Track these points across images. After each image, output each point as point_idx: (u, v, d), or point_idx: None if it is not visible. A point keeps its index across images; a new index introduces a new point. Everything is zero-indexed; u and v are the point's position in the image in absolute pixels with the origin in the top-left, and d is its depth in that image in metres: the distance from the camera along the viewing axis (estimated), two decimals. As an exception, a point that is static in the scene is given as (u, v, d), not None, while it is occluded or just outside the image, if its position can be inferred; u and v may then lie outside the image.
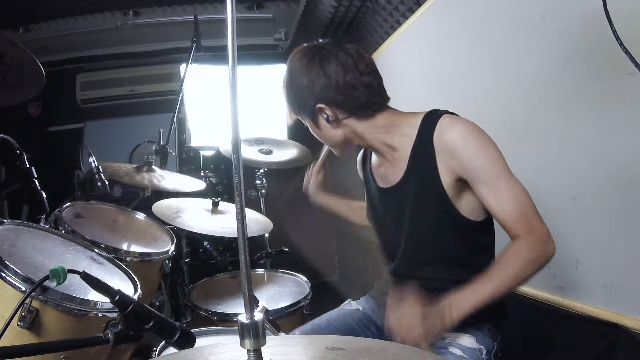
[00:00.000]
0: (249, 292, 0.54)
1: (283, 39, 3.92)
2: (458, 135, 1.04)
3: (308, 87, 1.13)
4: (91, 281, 0.82)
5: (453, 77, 2.07)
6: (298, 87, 1.15)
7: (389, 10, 2.71)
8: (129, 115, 3.82)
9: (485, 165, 1.03)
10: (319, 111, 1.16)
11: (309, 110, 1.17)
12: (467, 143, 1.03)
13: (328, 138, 1.23)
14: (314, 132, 1.24)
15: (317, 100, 1.14)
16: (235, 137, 0.53)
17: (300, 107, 1.19)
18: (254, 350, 0.55)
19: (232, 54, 0.52)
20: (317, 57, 1.12)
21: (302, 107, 1.18)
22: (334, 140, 1.23)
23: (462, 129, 1.05)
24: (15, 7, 3.11)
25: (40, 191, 1.29)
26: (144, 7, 3.41)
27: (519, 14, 1.62)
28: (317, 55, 1.12)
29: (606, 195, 1.32)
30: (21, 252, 1.10)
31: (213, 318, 1.71)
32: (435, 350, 1.10)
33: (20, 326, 0.92)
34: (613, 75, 1.24)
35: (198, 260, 2.73)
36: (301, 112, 1.20)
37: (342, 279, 3.91)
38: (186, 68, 2.51)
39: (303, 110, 1.19)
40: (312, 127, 1.23)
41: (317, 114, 1.17)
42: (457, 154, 1.04)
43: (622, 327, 1.26)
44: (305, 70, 1.13)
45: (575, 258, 1.45)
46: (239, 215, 0.53)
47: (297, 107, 1.20)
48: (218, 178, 3.30)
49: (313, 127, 1.23)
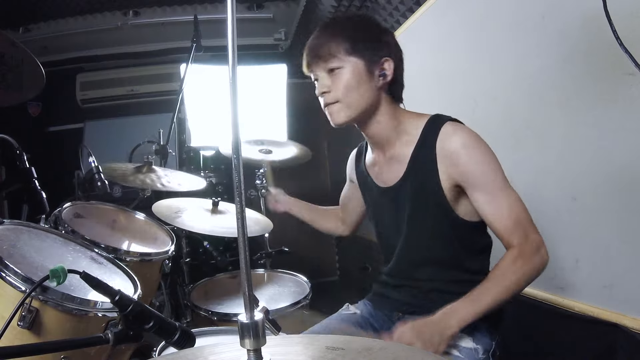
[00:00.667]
0: (249, 292, 0.54)
1: (283, 39, 3.93)
2: (460, 143, 1.07)
3: (386, 41, 1.16)
4: (91, 281, 0.82)
5: (453, 77, 2.07)
6: (376, 34, 1.15)
7: (389, 10, 2.71)
8: (129, 115, 3.82)
9: (484, 175, 1.06)
10: (382, 63, 1.14)
11: (372, 56, 1.13)
12: (468, 152, 1.06)
13: (361, 94, 1.14)
14: (352, 81, 1.12)
15: (388, 54, 1.15)
16: (236, 137, 0.53)
17: (367, 48, 1.13)
18: (254, 350, 0.55)
19: (232, 54, 0.52)
20: None
21: (369, 49, 1.13)
22: (362, 99, 1.14)
23: (464, 138, 1.07)
24: (15, 7, 3.12)
25: (40, 191, 1.29)
26: (144, 7, 3.41)
27: (519, 14, 1.62)
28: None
29: (606, 195, 1.32)
30: (21, 252, 1.10)
31: (213, 318, 1.71)
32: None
33: (20, 326, 0.92)
34: (613, 75, 1.24)
35: (198, 260, 2.73)
36: (362, 52, 1.12)
37: (342, 279, 3.92)
38: (186, 68, 2.51)
39: (367, 52, 1.12)
40: (357, 75, 1.13)
41: (376, 65, 1.14)
42: (458, 161, 1.07)
43: (622, 327, 1.26)
44: (383, 29, 1.19)
45: (575, 258, 1.45)
46: (239, 215, 0.53)
47: (361, 46, 1.12)
48: (218, 178, 3.30)
49: (359, 75, 1.13)
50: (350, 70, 1.12)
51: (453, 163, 1.07)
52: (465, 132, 1.09)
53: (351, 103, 1.14)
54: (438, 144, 1.09)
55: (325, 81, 1.15)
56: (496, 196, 1.05)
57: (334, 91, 1.14)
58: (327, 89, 1.14)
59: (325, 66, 1.14)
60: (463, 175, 1.07)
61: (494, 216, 1.05)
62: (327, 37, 1.14)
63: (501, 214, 1.04)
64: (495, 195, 1.05)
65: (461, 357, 1.05)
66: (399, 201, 1.18)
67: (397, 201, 1.19)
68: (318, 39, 1.15)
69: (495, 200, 1.05)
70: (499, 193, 1.05)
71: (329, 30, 1.15)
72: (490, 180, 1.05)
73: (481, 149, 1.07)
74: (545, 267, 1.04)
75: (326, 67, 1.14)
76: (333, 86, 1.14)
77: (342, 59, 1.12)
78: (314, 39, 1.17)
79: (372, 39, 1.14)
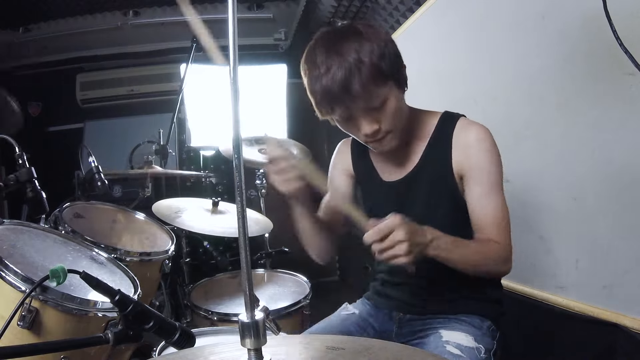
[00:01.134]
0: (249, 291, 0.54)
1: (283, 39, 3.93)
2: (475, 135, 1.11)
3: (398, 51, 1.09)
4: (91, 281, 0.82)
5: (453, 77, 2.07)
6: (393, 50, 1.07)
7: (389, 10, 2.71)
8: (129, 115, 3.82)
9: (488, 171, 1.10)
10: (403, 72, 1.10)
11: (402, 74, 1.09)
12: (481, 145, 1.10)
13: (405, 113, 1.12)
14: (397, 108, 1.06)
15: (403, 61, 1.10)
16: (236, 137, 0.53)
17: (398, 71, 1.07)
18: (255, 350, 0.55)
19: (233, 54, 0.52)
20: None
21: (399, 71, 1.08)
22: (405, 116, 1.12)
23: (480, 131, 1.11)
24: (15, 7, 3.11)
25: (40, 191, 1.29)
26: (144, 7, 3.41)
27: (519, 14, 1.62)
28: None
29: (606, 195, 1.32)
30: (21, 252, 1.10)
31: (213, 318, 1.71)
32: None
33: (20, 326, 0.92)
34: (613, 75, 1.24)
35: (198, 260, 2.73)
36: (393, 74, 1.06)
37: (341, 279, 3.92)
38: (186, 68, 2.52)
39: (397, 74, 1.07)
40: (397, 99, 1.07)
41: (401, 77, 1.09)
42: (470, 152, 1.10)
43: (622, 327, 1.26)
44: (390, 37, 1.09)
45: (575, 258, 1.45)
46: (239, 214, 0.53)
47: (395, 73, 1.06)
48: (218, 178, 3.30)
49: (398, 97, 1.07)
50: (393, 99, 1.05)
51: (465, 154, 1.11)
52: (481, 127, 1.13)
53: (400, 126, 1.10)
54: (454, 136, 1.13)
55: (372, 121, 1.06)
56: (490, 193, 1.09)
57: (384, 125, 1.06)
58: (377, 126, 1.06)
59: (369, 107, 1.04)
60: (470, 165, 1.11)
61: (482, 209, 1.10)
62: (366, 79, 1.00)
63: (489, 210, 1.09)
64: (490, 192, 1.09)
65: (463, 357, 1.05)
66: (408, 194, 1.18)
67: (406, 194, 1.18)
68: (354, 82, 0.99)
69: (488, 197, 1.09)
70: (493, 191, 1.09)
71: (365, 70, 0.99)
72: (490, 177, 1.10)
73: (492, 146, 1.11)
74: (502, 274, 1.14)
75: (370, 108, 1.04)
76: (382, 122, 1.06)
77: (382, 92, 1.03)
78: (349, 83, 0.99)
79: (395, 57, 1.06)
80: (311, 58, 1.04)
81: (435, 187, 1.15)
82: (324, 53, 1.01)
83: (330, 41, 1.03)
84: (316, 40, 1.07)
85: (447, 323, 1.15)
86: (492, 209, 1.09)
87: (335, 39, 1.03)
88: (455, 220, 1.14)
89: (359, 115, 1.05)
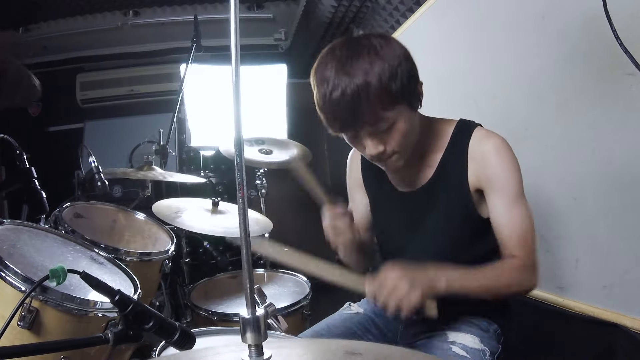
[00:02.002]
0: (250, 287, 0.54)
1: (283, 39, 3.93)
2: (493, 147, 1.08)
3: (413, 69, 1.04)
4: (91, 281, 0.82)
5: (453, 77, 2.07)
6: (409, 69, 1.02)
7: (389, 10, 2.71)
8: (129, 115, 3.82)
9: (510, 184, 1.07)
10: (418, 90, 1.06)
11: (415, 94, 1.05)
12: (500, 158, 1.07)
13: (414, 133, 1.09)
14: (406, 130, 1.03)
15: (419, 79, 1.06)
16: (238, 137, 0.53)
17: (411, 92, 1.03)
18: (255, 346, 0.55)
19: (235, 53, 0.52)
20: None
21: (412, 91, 1.04)
22: (415, 135, 1.09)
23: (498, 144, 1.08)
24: (15, 7, 3.11)
25: (40, 191, 1.29)
26: (144, 7, 3.41)
27: (519, 14, 1.62)
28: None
29: (606, 195, 1.32)
30: (21, 252, 1.10)
31: (213, 318, 1.71)
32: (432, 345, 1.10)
33: (20, 326, 0.92)
34: (613, 75, 1.24)
35: (198, 260, 2.73)
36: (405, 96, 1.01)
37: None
38: (186, 68, 2.52)
39: (411, 95, 1.03)
40: (408, 120, 1.04)
41: (415, 96, 1.05)
42: (489, 164, 1.07)
43: (622, 327, 1.26)
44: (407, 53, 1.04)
45: (575, 258, 1.45)
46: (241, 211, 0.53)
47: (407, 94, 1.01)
48: (218, 178, 3.30)
49: (409, 118, 1.04)
50: (402, 121, 1.02)
51: (483, 165, 1.08)
52: (498, 138, 1.10)
53: (408, 146, 1.08)
54: (470, 147, 1.10)
55: (378, 143, 1.04)
56: (513, 206, 1.06)
57: (389, 147, 1.04)
58: (382, 148, 1.04)
59: (374, 130, 1.02)
60: (490, 178, 1.08)
61: (506, 224, 1.07)
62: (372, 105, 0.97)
63: (513, 224, 1.06)
64: (513, 205, 1.06)
65: (468, 358, 1.05)
66: (424, 206, 1.16)
67: (422, 206, 1.17)
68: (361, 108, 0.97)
69: (511, 210, 1.06)
70: (516, 204, 1.06)
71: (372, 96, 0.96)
72: (512, 189, 1.07)
73: (510, 157, 1.08)
74: (531, 290, 1.07)
75: (375, 130, 1.02)
76: (387, 143, 1.04)
77: (390, 115, 1.00)
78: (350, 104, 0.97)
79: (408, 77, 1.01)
80: (322, 71, 1.01)
81: (451, 199, 1.13)
82: (334, 69, 0.98)
83: (342, 56, 0.99)
84: (329, 51, 1.03)
85: (454, 324, 1.15)
86: (515, 223, 1.06)
87: (348, 55, 0.99)
88: (472, 232, 1.13)
89: (365, 136, 1.04)
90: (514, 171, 1.08)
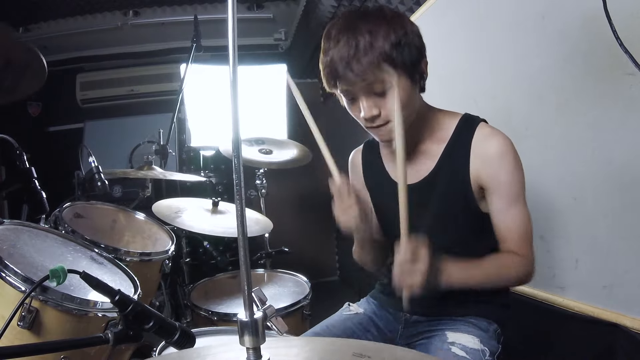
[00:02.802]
0: (248, 290, 0.54)
1: (283, 39, 3.93)
2: (496, 148, 1.08)
3: (420, 45, 1.06)
4: (91, 281, 0.82)
5: (453, 77, 2.07)
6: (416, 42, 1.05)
7: (389, 10, 2.70)
8: (129, 115, 3.83)
9: (511, 184, 1.08)
10: (422, 67, 1.08)
11: (417, 69, 1.07)
12: (503, 158, 1.08)
13: (411, 107, 1.09)
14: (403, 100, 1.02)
15: (424, 54, 1.08)
16: (236, 137, 0.53)
17: (411, 61, 1.04)
18: (253, 349, 0.55)
19: (232, 53, 0.52)
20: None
21: (414, 65, 1.05)
22: (413, 111, 1.10)
23: (501, 143, 1.09)
24: (15, 7, 3.12)
25: (40, 191, 1.29)
26: (144, 7, 3.42)
27: (519, 14, 1.62)
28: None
29: (606, 195, 1.32)
30: (21, 252, 1.10)
31: (213, 318, 1.71)
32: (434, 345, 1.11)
33: (20, 326, 0.92)
34: (613, 75, 1.24)
35: (198, 260, 2.73)
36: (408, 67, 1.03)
37: (341, 279, 3.92)
38: (186, 68, 2.52)
39: (411, 65, 1.04)
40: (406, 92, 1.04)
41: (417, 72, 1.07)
42: (491, 164, 1.08)
43: (622, 327, 1.26)
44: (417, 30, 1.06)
45: (575, 258, 1.45)
46: (238, 212, 0.53)
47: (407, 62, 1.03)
48: (218, 178, 3.31)
49: (407, 91, 1.05)
50: (400, 89, 1.02)
51: (485, 165, 1.09)
52: (503, 137, 1.10)
53: (407, 120, 1.06)
54: (474, 144, 1.10)
55: (372, 105, 1.05)
56: (513, 206, 1.08)
57: (384, 112, 1.05)
58: (377, 112, 1.05)
59: (371, 90, 1.03)
60: (491, 177, 1.09)
61: (506, 224, 1.09)
62: (370, 61, 0.99)
63: (513, 224, 1.08)
64: (513, 205, 1.08)
65: (468, 358, 1.04)
66: (424, 198, 1.16)
67: (422, 198, 1.16)
68: (358, 61, 0.99)
69: (511, 210, 1.08)
70: (517, 204, 1.08)
71: (371, 53, 0.99)
72: (513, 190, 1.08)
73: (515, 158, 1.09)
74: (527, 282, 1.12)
75: (372, 91, 1.04)
76: (382, 108, 1.05)
77: (387, 79, 1.01)
78: (352, 61, 0.99)
79: (413, 50, 1.04)
80: (329, 30, 1.05)
81: (451, 193, 1.13)
82: (340, 27, 1.02)
83: (350, 17, 1.04)
84: (341, 15, 1.07)
85: (453, 325, 1.15)
86: (515, 222, 1.08)
87: (356, 16, 1.03)
88: (471, 226, 1.14)
89: (361, 97, 1.05)
90: (517, 172, 1.09)
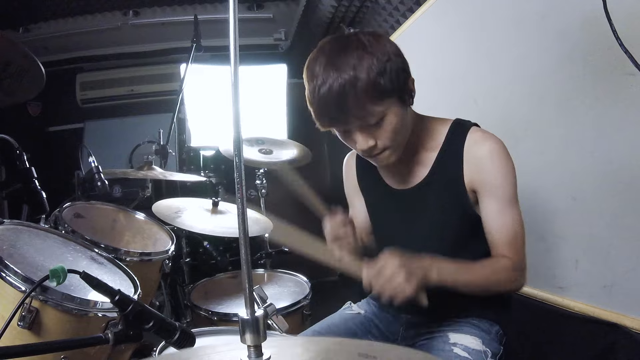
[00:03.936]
0: (249, 287, 0.54)
1: (283, 39, 3.93)
2: (488, 151, 1.08)
3: (404, 65, 1.04)
4: (91, 281, 0.82)
5: (453, 77, 2.07)
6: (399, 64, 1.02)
7: (389, 10, 2.71)
8: (129, 115, 3.82)
9: (503, 187, 1.08)
10: (409, 86, 1.06)
11: (406, 89, 1.05)
12: (494, 161, 1.07)
13: (406, 128, 1.09)
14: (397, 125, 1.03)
15: (409, 72, 1.06)
16: (237, 137, 0.53)
17: (400, 87, 1.02)
18: (254, 347, 0.55)
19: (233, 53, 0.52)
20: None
21: (402, 87, 1.03)
22: (407, 131, 1.09)
23: (492, 147, 1.08)
24: (15, 7, 3.11)
25: (40, 191, 1.29)
26: (144, 7, 3.41)
27: (519, 14, 1.62)
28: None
29: (606, 195, 1.32)
30: (21, 252, 1.10)
31: (213, 318, 1.71)
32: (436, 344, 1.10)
33: (20, 326, 0.92)
34: (613, 75, 1.24)
35: (198, 260, 2.73)
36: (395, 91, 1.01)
37: (342, 279, 3.91)
38: (186, 68, 2.52)
39: (401, 91, 1.03)
40: (399, 115, 1.03)
41: (406, 92, 1.05)
42: (483, 169, 1.08)
43: (622, 327, 1.26)
44: (396, 49, 1.04)
45: (575, 258, 1.45)
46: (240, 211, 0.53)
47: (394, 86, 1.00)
48: (218, 178, 3.30)
49: (400, 113, 1.04)
50: (392, 115, 1.02)
51: (477, 170, 1.09)
52: (494, 140, 1.09)
53: (400, 142, 1.08)
54: (466, 148, 1.10)
55: (368, 137, 1.04)
56: (506, 209, 1.07)
57: (380, 142, 1.04)
58: (372, 143, 1.04)
59: (363, 124, 1.02)
60: (484, 181, 1.08)
61: (497, 226, 1.08)
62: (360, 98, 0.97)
63: (504, 226, 1.07)
64: (506, 208, 1.08)
65: (470, 359, 1.04)
66: (418, 204, 1.17)
67: (416, 204, 1.17)
68: (347, 101, 0.97)
69: (503, 213, 1.08)
70: (508, 207, 1.08)
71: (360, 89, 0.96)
72: (505, 193, 1.07)
73: (506, 161, 1.08)
74: (518, 289, 1.12)
75: (365, 124, 1.02)
76: (378, 138, 1.04)
77: (379, 110, 1.00)
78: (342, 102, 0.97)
79: (400, 72, 1.02)
80: (312, 67, 1.02)
81: (445, 198, 1.13)
82: (323, 64, 0.99)
83: (331, 52, 1.01)
84: (319, 48, 1.05)
85: (455, 326, 1.15)
86: (506, 226, 1.07)
87: (337, 50, 1.00)
88: (466, 231, 1.14)
89: (355, 131, 1.04)
90: (508, 176, 1.08)
